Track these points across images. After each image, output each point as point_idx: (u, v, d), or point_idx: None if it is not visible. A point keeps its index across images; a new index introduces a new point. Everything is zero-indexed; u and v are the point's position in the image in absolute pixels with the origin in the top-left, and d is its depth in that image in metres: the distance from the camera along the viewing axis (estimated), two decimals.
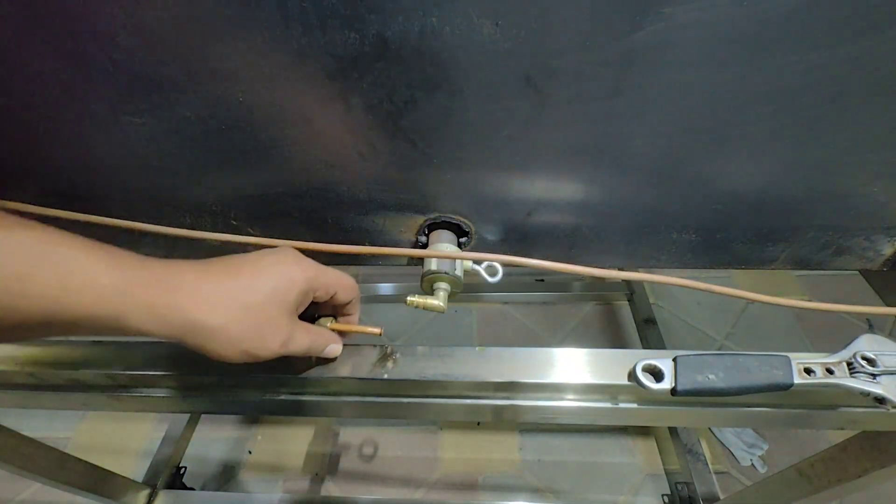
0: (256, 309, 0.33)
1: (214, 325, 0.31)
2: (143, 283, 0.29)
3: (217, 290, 0.32)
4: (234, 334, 0.32)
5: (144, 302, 0.29)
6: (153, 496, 0.99)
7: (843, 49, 0.33)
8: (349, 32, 0.33)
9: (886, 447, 0.50)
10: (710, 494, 0.97)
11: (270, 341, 0.34)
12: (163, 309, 0.29)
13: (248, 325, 0.32)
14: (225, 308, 0.31)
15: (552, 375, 0.42)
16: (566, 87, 0.36)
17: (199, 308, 0.30)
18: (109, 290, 0.28)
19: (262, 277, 0.33)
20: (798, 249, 0.49)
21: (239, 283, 0.33)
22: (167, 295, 0.30)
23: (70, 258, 0.27)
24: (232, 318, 0.31)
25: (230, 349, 0.32)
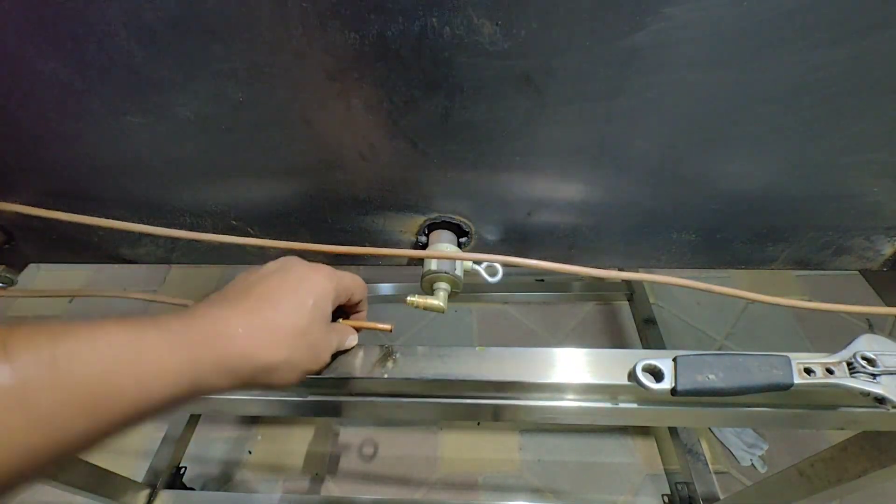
0: (307, 331, 0.34)
1: (280, 361, 0.32)
2: (210, 352, 0.29)
3: (269, 327, 0.32)
4: (296, 362, 0.33)
5: (213, 367, 0.29)
6: (153, 496, 0.99)
7: (843, 49, 0.33)
8: (349, 32, 0.33)
9: (886, 447, 0.50)
10: (710, 494, 0.97)
11: (323, 355, 0.36)
12: (233, 363, 0.30)
13: (305, 349, 0.34)
14: (284, 341, 0.32)
15: (552, 375, 0.42)
16: (566, 87, 0.36)
17: (264, 350, 0.31)
18: (184, 371, 0.28)
19: (301, 298, 0.34)
20: (798, 249, 0.49)
21: (284, 312, 0.33)
22: (229, 350, 0.30)
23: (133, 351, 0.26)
24: (292, 347, 0.33)
25: (293, 375, 0.34)
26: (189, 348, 0.28)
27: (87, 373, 0.24)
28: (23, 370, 0.22)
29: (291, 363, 0.33)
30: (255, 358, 0.31)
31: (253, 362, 0.31)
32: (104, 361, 0.25)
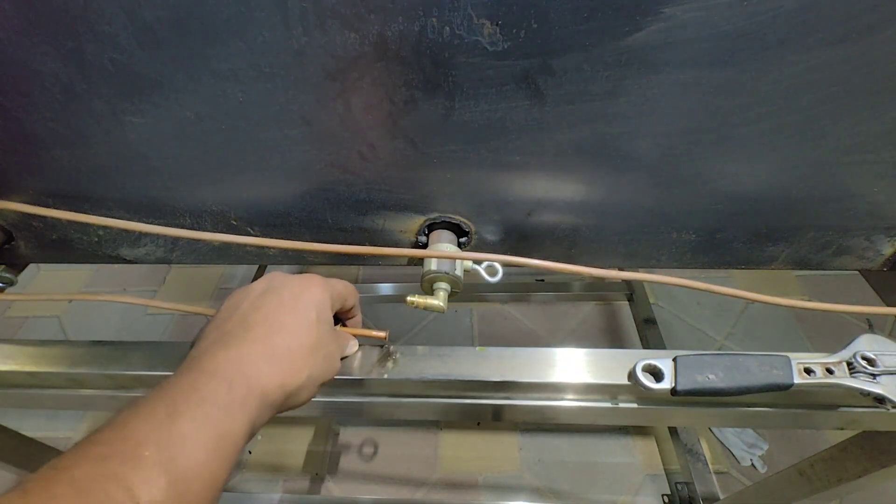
0: (319, 345, 0.35)
1: (303, 383, 0.33)
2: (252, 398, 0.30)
3: (288, 353, 0.33)
4: (316, 376, 0.34)
5: (260, 409, 0.30)
6: None
7: (843, 49, 0.33)
8: (349, 32, 0.33)
9: (886, 447, 0.50)
10: (710, 494, 0.97)
11: (335, 363, 0.37)
12: (271, 398, 0.31)
13: (321, 363, 0.35)
14: (303, 361, 0.33)
15: (552, 375, 0.42)
16: (566, 87, 0.36)
17: (291, 377, 0.32)
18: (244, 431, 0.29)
19: (305, 315, 0.35)
20: (798, 249, 0.49)
21: (295, 334, 0.34)
22: (266, 389, 0.31)
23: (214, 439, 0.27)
24: (311, 364, 0.33)
25: (314, 390, 0.35)
26: (243, 409, 0.29)
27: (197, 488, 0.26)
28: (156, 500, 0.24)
29: (312, 379, 0.34)
30: (286, 387, 0.32)
31: (286, 390, 0.32)
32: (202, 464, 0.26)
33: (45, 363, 0.46)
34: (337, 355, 0.38)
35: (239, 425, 0.29)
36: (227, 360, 0.30)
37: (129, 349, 0.46)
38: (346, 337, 0.42)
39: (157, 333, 1.44)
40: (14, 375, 0.46)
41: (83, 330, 1.46)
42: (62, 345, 0.47)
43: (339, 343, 0.39)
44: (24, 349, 0.47)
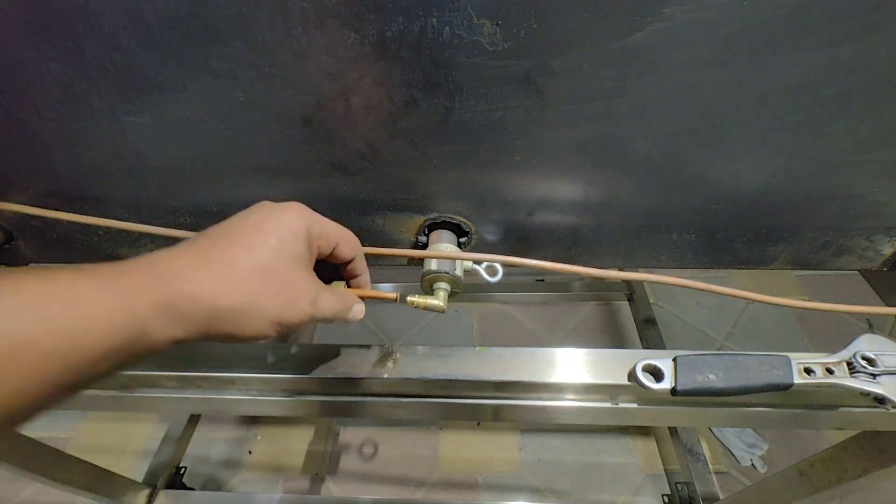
0: (271, 270, 0.29)
1: (239, 304, 0.28)
2: (148, 292, 0.25)
3: (221, 265, 0.28)
4: (263, 307, 0.29)
5: (160, 302, 0.25)
6: (153, 496, 0.99)
7: (843, 49, 0.33)
8: (349, 32, 0.33)
9: (886, 447, 0.50)
10: (710, 494, 0.97)
11: (300, 302, 0.31)
12: (183, 304, 0.26)
13: (272, 293, 0.29)
14: (240, 280, 0.28)
15: (552, 375, 0.42)
16: (566, 87, 0.36)
17: (216, 290, 0.27)
18: (119, 311, 0.24)
19: (262, 235, 0.30)
20: (798, 249, 0.49)
21: (240, 249, 0.29)
22: (181, 288, 0.26)
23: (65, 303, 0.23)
24: (253, 290, 0.28)
25: (261, 325, 0.29)
26: (122, 291, 0.24)
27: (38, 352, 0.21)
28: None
29: (256, 308, 0.28)
30: (205, 299, 0.26)
31: (204, 304, 0.26)
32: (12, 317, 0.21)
33: None
34: (303, 296, 0.31)
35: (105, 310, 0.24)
36: (147, 260, 0.27)
37: None
38: (347, 298, 0.36)
39: None
40: None
41: None
42: None
43: (313, 287, 0.32)
44: None
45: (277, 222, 0.31)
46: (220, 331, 0.28)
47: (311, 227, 0.32)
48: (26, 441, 0.67)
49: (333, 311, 0.34)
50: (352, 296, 0.37)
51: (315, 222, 0.33)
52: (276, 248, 0.30)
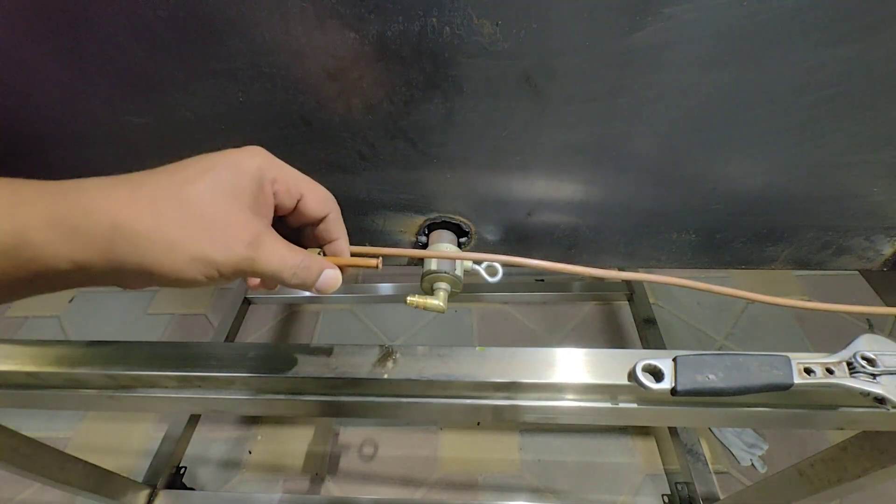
0: (198, 201, 0.25)
1: (145, 228, 0.24)
2: (36, 192, 0.23)
3: (135, 186, 0.24)
4: (175, 236, 0.24)
5: (50, 212, 0.23)
6: (153, 496, 0.99)
7: (843, 49, 0.33)
8: (349, 32, 0.33)
9: (886, 447, 0.50)
10: (710, 494, 0.97)
11: (232, 241, 0.26)
12: (77, 218, 0.23)
13: (193, 224, 0.25)
14: (151, 203, 0.24)
15: (552, 375, 0.42)
16: (566, 87, 0.36)
17: (123, 208, 0.23)
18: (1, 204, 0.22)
19: (199, 167, 0.26)
20: (798, 249, 0.49)
21: (165, 175, 0.25)
22: (78, 200, 0.23)
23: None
24: (169, 216, 0.24)
25: (177, 259, 0.24)
26: (15, 197, 0.23)
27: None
28: None
29: (169, 237, 0.24)
30: (101, 213, 0.23)
31: (99, 219, 0.23)
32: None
33: (45, 363, 0.46)
34: (236, 235, 0.26)
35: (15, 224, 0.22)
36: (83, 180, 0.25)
37: (129, 349, 0.46)
38: (312, 257, 0.30)
39: (157, 333, 1.44)
40: (14, 375, 0.46)
41: (83, 330, 1.46)
42: (62, 345, 0.47)
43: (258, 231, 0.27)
44: (24, 349, 0.47)
45: (225, 156, 0.27)
46: (129, 260, 0.24)
47: (265, 167, 0.28)
48: (26, 441, 0.67)
49: (285, 265, 0.28)
50: (320, 259, 0.31)
51: (272, 165, 0.29)
52: (211, 179, 0.26)
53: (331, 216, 0.33)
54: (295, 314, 1.46)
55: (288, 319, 1.45)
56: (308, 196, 0.31)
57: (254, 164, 0.28)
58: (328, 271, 0.31)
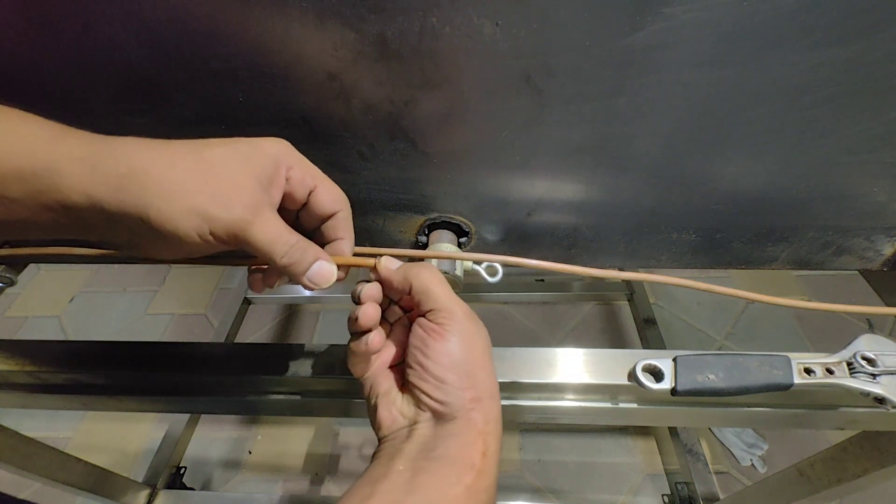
0: (212, 161, 0.27)
1: (159, 174, 0.25)
2: (80, 135, 0.26)
3: (168, 145, 0.27)
4: (180, 183, 0.26)
5: (79, 150, 0.25)
6: (153, 496, 0.99)
7: (843, 49, 0.33)
8: (349, 32, 0.33)
9: (886, 447, 0.50)
10: (710, 494, 0.97)
11: (234, 203, 0.26)
12: (100, 157, 0.25)
13: (200, 177, 0.26)
14: (173, 156, 0.26)
15: (552, 375, 0.42)
16: (566, 87, 0.35)
17: (144, 156, 0.26)
18: (40, 138, 0.25)
19: (223, 140, 0.29)
20: (798, 249, 0.49)
21: (193, 142, 0.28)
22: (106, 144, 0.26)
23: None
24: (181, 167, 0.26)
25: (175, 208, 0.25)
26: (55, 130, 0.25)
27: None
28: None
29: (178, 186, 0.25)
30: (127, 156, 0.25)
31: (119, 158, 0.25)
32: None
33: (45, 363, 0.46)
34: (239, 197, 0.27)
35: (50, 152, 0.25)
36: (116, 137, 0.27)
37: (129, 349, 0.46)
38: (309, 246, 0.30)
39: (157, 333, 1.44)
40: (14, 375, 0.46)
41: (83, 330, 1.46)
42: (62, 345, 0.47)
43: (260, 202, 0.28)
44: (24, 349, 0.47)
45: (249, 139, 0.29)
46: (134, 204, 0.25)
47: (285, 153, 0.30)
48: (26, 441, 0.67)
49: (279, 239, 0.28)
50: (317, 250, 0.31)
51: (292, 154, 0.30)
52: (231, 148, 0.28)
53: (340, 214, 0.33)
54: (295, 314, 1.46)
55: (288, 319, 1.45)
56: (321, 189, 0.32)
57: (275, 148, 0.30)
58: (323, 262, 0.31)
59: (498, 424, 0.31)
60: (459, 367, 0.30)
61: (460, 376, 0.30)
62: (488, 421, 0.30)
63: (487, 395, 0.31)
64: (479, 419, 0.30)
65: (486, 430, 0.30)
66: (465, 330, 0.31)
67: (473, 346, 0.31)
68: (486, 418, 0.30)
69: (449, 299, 0.32)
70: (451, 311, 0.31)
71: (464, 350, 0.31)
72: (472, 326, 0.32)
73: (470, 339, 0.31)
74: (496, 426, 0.31)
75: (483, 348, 0.32)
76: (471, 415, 0.30)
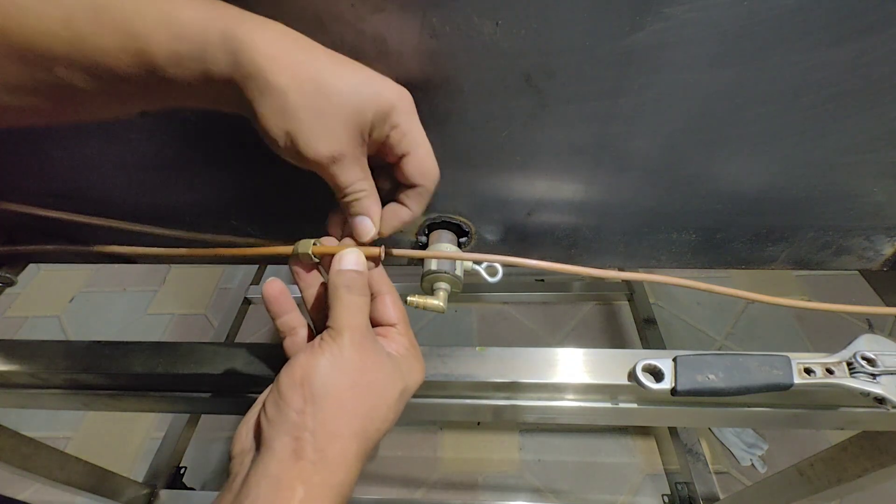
0: (333, 97, 0.27)
1: (275, 83, 0.26)
2: (226, 17, 0.25)
3: (297, 52, 0.27)
4: (290, 104, 0.26)
5: (224, 35, 0.25)
6: (153, 496, 0.99)
7: (843, 49, 0.33)
8: (349, 32, 0.33)
9: (886, 447, 0.50)
10: (710, 494, 0.97)
11: (321, 141, 0.28)
12: (238, 44, 0.25)
13: (307, 103, 0.27)
14: (295, 73, 0.26)
15: (552, 375, 0.42)
16: (566, 87, 0.35)
17: (270, 55, 0.26)
18: (191, 23, 0.25)
19: (355, 73, 0.28)
20: (798, 249, 0.49)
21: (324, 61, 0.28)
22: (249, 30, 0.25)
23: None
24: (297, 87, 0.26)
25: (276, 122, 0.27)
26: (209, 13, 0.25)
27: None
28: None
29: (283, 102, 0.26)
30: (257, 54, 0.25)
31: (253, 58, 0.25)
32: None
33: (45, 363, 0.46)
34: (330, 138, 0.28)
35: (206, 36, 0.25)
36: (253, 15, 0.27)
37: (129, 349, 0.46)
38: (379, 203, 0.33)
39: (157, 333, 1.44)
40: (14, 375, 0.46)
41: (83, 330, 1.46)
42: (62, 345, 0.47)
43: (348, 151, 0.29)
44: (24, 349, 0.47)
45: (373, 79, 0.29)
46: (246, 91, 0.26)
47: (399, 110, 0.30)
48: (26, 441, 0.67)
49: (349, 183, 0.30)
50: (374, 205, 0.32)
51: (406, 111, 0.30)
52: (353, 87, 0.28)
53: (419, 189, 0.33)
54: None
55: None
56: (412, 157, 0.31)
57: (394, 99, 0.29)
58: (367, 219, 0.32)
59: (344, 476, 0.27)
60: (308, 389, 0.28)
61: (304, 399, 0.27)
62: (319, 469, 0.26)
63: (330, 434, 0.27)
64: (307, 457, 0.26)
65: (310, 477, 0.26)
66: (347, 359, 0.29)
67: (343, 377, 0.28)
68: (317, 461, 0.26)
69: (346, 322, 0.30)
70: (339, 333, 0.29)
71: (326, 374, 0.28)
72: (363, 360, 0.29)
73: (345, 370, 0.28)
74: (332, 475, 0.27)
75: (365, 389, 0.29)
76: (294, 445, 0.26)
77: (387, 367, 0.31)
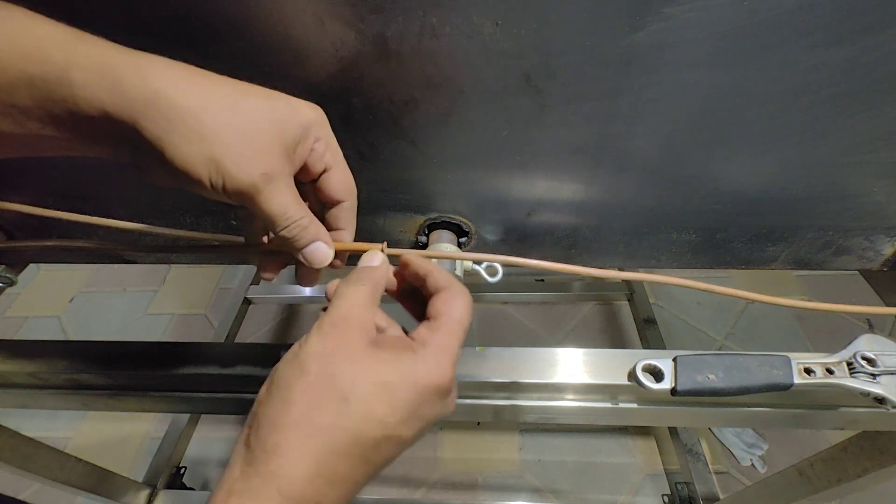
0: (249, 118, 0.25)
1: (189, 110, 0.23)
2: (97, 42, 0.23)
3: (206, 78, 0.25)
4: (211, 132, 0.24)
5: (97, 60, 0.23)
6: (153, 496, 0.99)
7: (843, 49, 0.33)
8: (349, 32, 0.33)
9: (886, 447, 0.50)
10: (710, 494, 0.97)
11: (252, 164, 0.25)
12: (123, 72, 0.23)
13: (232, 132, 0.24)
14: (207, 95, 0.24)
15: (552, 375, 0.42)
16: (566, 87, 0.35)
17: (169, 80, 0.23)
18: (53, 41, 0.22)
19: (265, 91, 0.27)
20: (798, 249, 0.48)
21: (234, 84, 0.26)
22: (128, 58, 0.23)
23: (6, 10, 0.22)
24: (215, 111, 0.24)
25: (196, 151, 0.24)
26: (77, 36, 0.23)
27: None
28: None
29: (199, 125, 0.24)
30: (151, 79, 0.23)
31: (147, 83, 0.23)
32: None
33: (45, 363, 0.46)
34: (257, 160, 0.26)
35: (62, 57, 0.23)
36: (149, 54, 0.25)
37: (129, 349, 0.46)
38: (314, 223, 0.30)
39: (157, 333, 1.44)
40: (14, 375, 0.46)
41: (83, 330, 1.46)
42: (62, 345, 0.47)
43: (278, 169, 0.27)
44: (24, 349, 0.47)
45: (288, 99, 0.27)
46: (152, 131, 0.23)
47: (319, 123, 0.28)
48: (26, 441, 0.67)
49: (285, 212, 0.27)
50: (320, 229, 0.30)
51: (324, 125, 0.29)
52: (270, 105, 0.26)
53: (345, 204, 0.32)
54: (295, 314, 1.46)
55: (288, 319, 1.45)
56: (334, 173, 0.30)
57: (311, 115, 0.28)
58: (321, 244, 0.30)
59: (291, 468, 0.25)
60: (271, 378, 0.27)
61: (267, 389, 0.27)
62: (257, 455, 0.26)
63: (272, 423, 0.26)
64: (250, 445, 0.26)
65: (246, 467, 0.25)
66: (308, 348, 0.27)
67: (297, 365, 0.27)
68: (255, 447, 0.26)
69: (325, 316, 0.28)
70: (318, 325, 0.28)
71: (284, 363, 0.27)
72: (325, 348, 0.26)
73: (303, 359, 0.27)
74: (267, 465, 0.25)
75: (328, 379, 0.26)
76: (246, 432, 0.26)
77: (372, 358, 0.27)
